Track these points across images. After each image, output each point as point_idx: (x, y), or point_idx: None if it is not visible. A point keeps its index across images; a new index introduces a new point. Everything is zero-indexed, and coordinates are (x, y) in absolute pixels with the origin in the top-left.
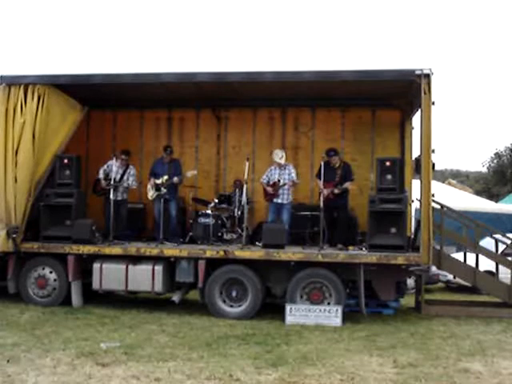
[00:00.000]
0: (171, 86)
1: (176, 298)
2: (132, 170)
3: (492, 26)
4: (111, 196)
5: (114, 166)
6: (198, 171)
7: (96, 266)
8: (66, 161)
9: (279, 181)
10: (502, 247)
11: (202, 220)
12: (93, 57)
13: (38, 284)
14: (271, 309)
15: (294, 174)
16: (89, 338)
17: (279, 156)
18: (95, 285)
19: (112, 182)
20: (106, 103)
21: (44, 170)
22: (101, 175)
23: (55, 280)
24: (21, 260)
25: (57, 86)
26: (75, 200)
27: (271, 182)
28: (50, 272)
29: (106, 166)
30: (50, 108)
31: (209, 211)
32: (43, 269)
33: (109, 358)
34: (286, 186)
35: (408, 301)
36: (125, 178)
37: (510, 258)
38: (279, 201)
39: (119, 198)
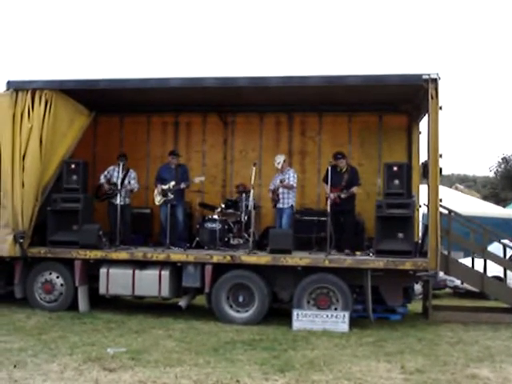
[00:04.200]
0: (178, 91)
1: (183, 303)
2: (132, 174)
3: (499, 30)
4: (117, 201)
5: (115, 172)
6: (204, 176)
7: (103, 270)
8: (73, 166)
9: (279, 187)
10: (510, 252)
11: (209, 225)
12: (100, 62)
13: (44, 289)
14: (278, 314)
15: (292, 178)
16: (95, 342)
17: (276, 162)
18: (102, 290)
19: (115, 187)
20: (113, 108)
21: (51, 174)
22: (102, 181)
23: (62, 285)
24: (28, 265)
25: (64, 91)
26: (82, 205)
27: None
28: (57, 277)
29: (106, 172)
30: (58, 113)
31: (215, 216)
32: (50, 274)
33: (116, 363)
34: (280, 190)
35: (415, 306)
36: (126, 181)
37: None
38: (280, 205)
39: (122, 203)
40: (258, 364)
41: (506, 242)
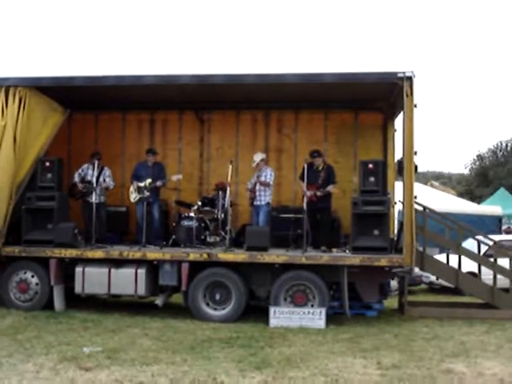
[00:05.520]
0: (154, 89)
1: (159, 301)
2: (107, 171)
3: (472, 28)
4: (92, 199)
5: (90, 170)
6: (181, 174)
7: (78, 269)
8: (47, 164)
9: (256, 184)
10: (484, 248)
11: (185, 223)
12: (75, 59)
13: (19, 288)
14: (255, 311)
15: (269, 176)
16: (71, 342)
17: (253, 160)
18: (77, 289)
19: (91, 185)
20: (88, 105)
21: (25, 172)
22: (76, 179)
23: (37, 284)
24: (2, 264)
25: (38, 88)
26: (57, 203)
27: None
28: (32, 276)
29: (80, 170)
30: (32, 111)
31: (192, 214)
32: (25, 273)
33: (92, 363)
34: (257, 187)
35: (391, 302)
36: (101, 179)
37: (492, 259)
38: (256, 203)
39: (97, 201)
40: (234, 361)
41: (480, 238)
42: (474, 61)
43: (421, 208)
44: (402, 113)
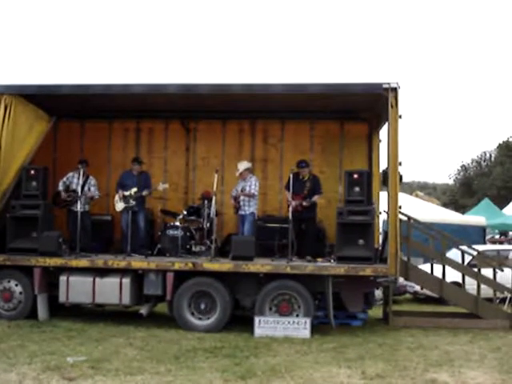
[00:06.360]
0: (140, 97)
1: (144, 310)
2: (92, 181)
3: (458, 40)
4: (78, 208)
5: (75, 178)
6: (167, 183)
7: (62, 278)
8: (32, 172)
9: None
10: (468, 258)
11: (171, 232)
12: (63, 67)
13: (3, 297)
14: (240, 321)
15: (253, 186)
16: (55, 351)
17: (237, 168)
18: (62, 298)
19: (75, 194)
20: (74, 114)
21: (10, 181)
22: (60, 187)
23: (21, 293)
24: None
25: (24, 96)
26: (42, 212)
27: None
28: (16, 285)
29: (65, 178)
30: (17, 118)
31: (177, 223)
32: (9, 281)
33: (75, 372)
34: (241, 197)
35: (376, 312)
36: (86, 188)
37: (475, 269)
38: (242, 212)
39: (81, 210)
40: (219, 371)
41: (464, 248)
42: (459, 73)
43: (405, 218)
44: (387, 123)
